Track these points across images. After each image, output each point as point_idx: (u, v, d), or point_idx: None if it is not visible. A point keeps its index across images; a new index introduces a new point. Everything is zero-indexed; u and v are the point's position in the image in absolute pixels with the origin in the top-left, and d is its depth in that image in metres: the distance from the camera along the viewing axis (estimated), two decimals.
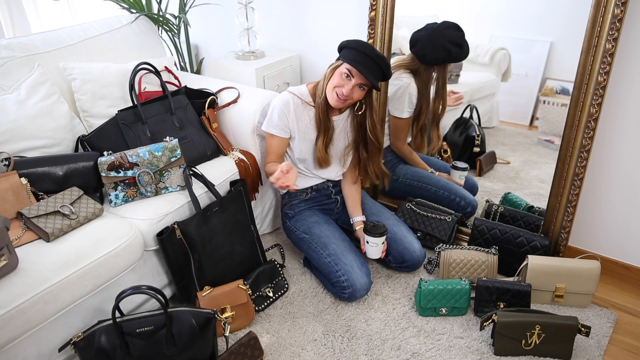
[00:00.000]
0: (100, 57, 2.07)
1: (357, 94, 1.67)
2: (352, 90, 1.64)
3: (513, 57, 2.02)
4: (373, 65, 1.60)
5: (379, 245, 1.79)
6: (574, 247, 1.98)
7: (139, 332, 1.40)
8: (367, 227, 1.79)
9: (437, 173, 2.18)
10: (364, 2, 2.04)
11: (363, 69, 1.59)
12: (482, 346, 1.63)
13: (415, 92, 2.03)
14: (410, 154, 2.19)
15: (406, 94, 2.03)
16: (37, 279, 1.32)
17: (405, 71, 2.02)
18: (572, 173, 1.76)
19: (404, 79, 2.03)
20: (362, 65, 1.59)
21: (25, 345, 1.35)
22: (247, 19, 2.39)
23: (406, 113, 2.07)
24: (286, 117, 1.77)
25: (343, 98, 1.66)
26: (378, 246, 1.79)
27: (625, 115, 1.72)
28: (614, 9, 1.50)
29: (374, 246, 1.79)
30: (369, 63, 1.60)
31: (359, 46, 1.61)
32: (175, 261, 1.65)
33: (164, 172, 1.71)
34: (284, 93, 1.79)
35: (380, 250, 1.81)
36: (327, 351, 1.62)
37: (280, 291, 1.85)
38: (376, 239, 1.77)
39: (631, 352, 1.63)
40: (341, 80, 1.65)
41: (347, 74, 1.63)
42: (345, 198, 2.01)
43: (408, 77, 2.02)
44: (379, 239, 1.77)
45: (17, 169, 1.54)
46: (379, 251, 1.81)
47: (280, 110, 1.76)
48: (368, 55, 1.59)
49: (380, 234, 1.77)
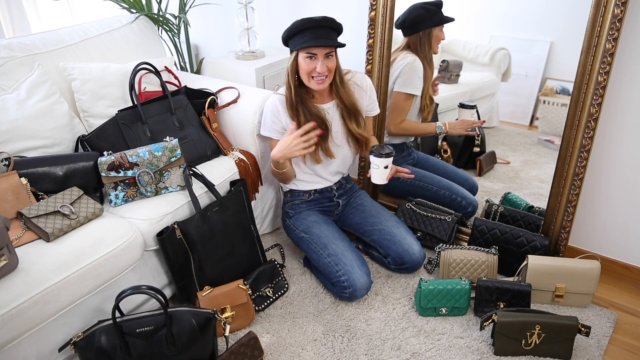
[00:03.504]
0: (100, 57, 2.07)
1: (331, 64, 1.66)
2: (323, 65, 1.64)
3: (513, 57, 2.02)
4: (321, 31, 1.61)
5: (381, 168, 1.67)
6: (574, 247, 1.98)
7: (139, 332, 1.40)
8: (372, 147, 1.69)
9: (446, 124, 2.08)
10: (364, 2, 2.04)
11: (318, 41, 1.60)
12: (482, 346, 1.63)
13: (421, 68, 2.05)
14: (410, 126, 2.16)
15: (413, 70, 2.05)
16: (37, 279, 1.32)
17: (408, 52, 2.05)
18: (572, 173, 1.76)
19: (409, 58, 2.05)
20: (314, 39, 1.60)
21: (25, 345, 1.35)
22: (247, 19, 2.39)
23: (416, 89, 2.07)
24: (278, 119, 1.78)
25: (323, 76, 1.66)
26: (379, 169, 1.68)
27: (625, 115, 1.72)
28: (614, 9, 1.50)
29: (375, 168, 1.68)
30: (317, 33, 1.60)
31: (297, 27, 1.63)
32: (175, 261, 1.65)
33: (164, 172, 1.71)
34: (270, 97, 1.82)
35: (385, 175, 1.71)
36: (327, 351, 1.62)
37: (280, 291, 1.86)
38: (379, 159, 1.66)
39: (631, 352, 1.63)
40: (310, 65, 1.65)
41: (309, 56, 1.64)
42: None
43: (412, 56, 2.05)
44: (383, 160, 1.66)
45: (17, 169, 1.54)
46: (383, 175, 1.70)
47: (271, 112, 1.78)
48: (310, 27, 1.61)
49: (386, 155, 1.66)
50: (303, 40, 1.62)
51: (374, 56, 2.06)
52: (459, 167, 2.23)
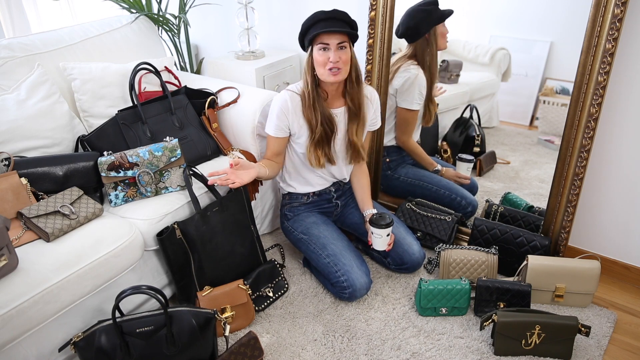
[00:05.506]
0: (100, 57, 2.07)
1: (344, 56, 1.65)
2: (337, 55, 1.63)
3: (513, 57, 2.02)
4: (332, 21, 1.62)
5: (384, 237, 1.76)
6: (574, 247, 1.98)
7: (139, 332, 1.40)
8: (372, 218, 1.77)
9: (443, 169, 2.16)
10: (364, 2, 2.04)
11: (329, 27, 1.60)
12: (482, 346, 1.63)
13: (424, 83, 2.03)
14: (416, 148, 2.17)
15: (415, 85, 2.03)
16: (37, 279, 1.32)
17: (413, 62, 2.03)
18: (572, 173, 1.76)
19: (412, 70, 2.03)
20: (325, 27, 1.61)
21: (25, 345, 1.35)
22: (247, 19, 2.39)
23: (416, 105, 2.07)
24: (285, 116, 1.77)
25: (336, 67, 1.65)
26: (382, 238, 1.76)
27: (625, 115, 1.72)
28: (614, 9, 1.50)
29: (378, 237, 1.77)
30: (328, 23, 1.62)
31: (309, 21, 1.65)
32: (175, 261, 1.65)
33: (164, 172, 1.71)
34: (282, 92, 1.79)
35: (386, 242, 1.78)
36: (327, 351, 1.62)
37: (280, 291, 1.86)
38: (381, 230, 1.74)
39: (631, 352, 1.63)
40: (323, 56, 1.65)
41: (323, 47, 1.64)
42: (354, 191, 1.99)
43: (416, 68, 2.02)
44: (384, 230, 1.74)
45: (17, 169, 1.54)
46: (384, 243, 1.78)
47: (279, 109, 1.76)
48: (321, 19, 1.62)
49: (386, 226, 1.74)
50: (316, 32, 1.62)
51: (374, 56, 2.05)
52: None
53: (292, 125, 1.78)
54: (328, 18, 1.62)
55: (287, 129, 1.79)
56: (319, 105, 1.73)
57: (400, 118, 2.13)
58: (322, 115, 1.74)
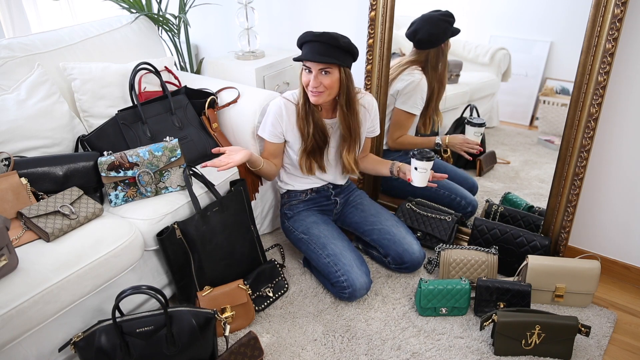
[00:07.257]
0: (100, 57, 2.07)
1: (326, 81, 1.65)
2: (316, 80, 1.64)
3: (513, 57, 2.02)
4: (317, 45, 1.61)
5: (428, 170, 1.72)
6: (574, 247, 1.98)
7: (139, 332, 1.40)
8: (414, 152, 1.73)
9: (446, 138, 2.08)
10: (364, 2, 2.04)
11: (309, 55, 1.62)
12: (482, 346, 1.63)
13: (426, 89, 2.04)
14: (412, 139, 2.16)
15: (417, 90, 2.04)
16: (37, 279, 1.32)
17: (417, 68, 2.03)
18: (572, 173, 1.76)
19: (416, 75, 2.03)
20: (309, 53, 1.62)
21: (25, 345, 1.35)
22: (247, 19, 2.39)
23: (416, 109, 2.07)
24: (279, 124, 1.78)
25: (315, 91, 1.66)
26: (427, 172, 1.72)
27: (625, 115, 1.72)
28: (614, 9, 1.50)
29: (422, 172, 1.72)
30: (313, 48, 1.62)
31: (301, 39, 1.66)
32: (175, 261, 1.65)
33: (164, 172, 1.71)
34: (278, 99, 1.81)
35: (427, 177, 1.75)
36: (327, 351, 1.62)
37: (280, 291, 1.86)
38: (425, 163, 1.71)
39: (631, 352, 1.63)
40: (306, 77, 1.67)
41: (306, 68, 1.66)
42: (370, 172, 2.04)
43: (420, 74, 2.03)
44: (428, 163, 1.70)
45: (17, 169, 1.54)
46: (425, 178, 1.75)
47: (274, 117, 1.78)
48: (310, 41, 1.63)
49: (428, 159, 1.70)
50: (302, 53, 1.65)
51: (374, 56, 2.06)
52: (459, 167, 2.23)
53: (286, 133, 1.80)
54: (314, 41, 1.62)
55: (281, 135, 1.81)
56: (312, 117, 1.75)
57: (395, 119, 2.13)
58: (314, 127, 1.76)
